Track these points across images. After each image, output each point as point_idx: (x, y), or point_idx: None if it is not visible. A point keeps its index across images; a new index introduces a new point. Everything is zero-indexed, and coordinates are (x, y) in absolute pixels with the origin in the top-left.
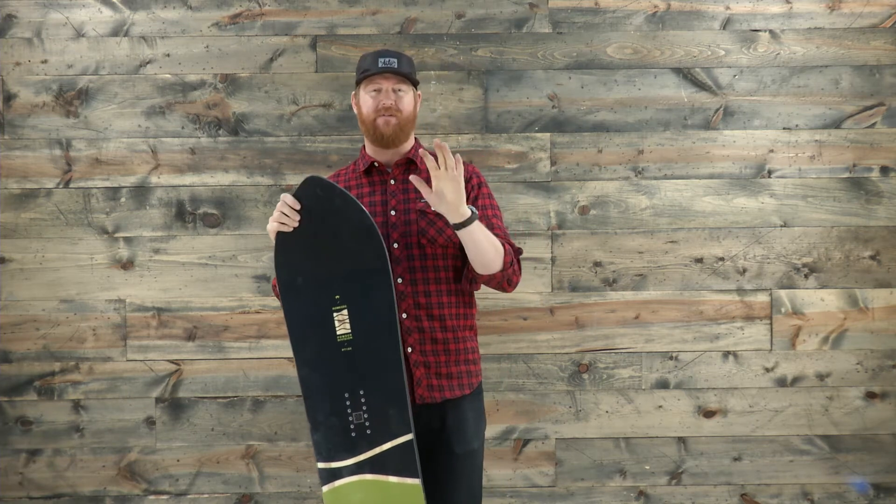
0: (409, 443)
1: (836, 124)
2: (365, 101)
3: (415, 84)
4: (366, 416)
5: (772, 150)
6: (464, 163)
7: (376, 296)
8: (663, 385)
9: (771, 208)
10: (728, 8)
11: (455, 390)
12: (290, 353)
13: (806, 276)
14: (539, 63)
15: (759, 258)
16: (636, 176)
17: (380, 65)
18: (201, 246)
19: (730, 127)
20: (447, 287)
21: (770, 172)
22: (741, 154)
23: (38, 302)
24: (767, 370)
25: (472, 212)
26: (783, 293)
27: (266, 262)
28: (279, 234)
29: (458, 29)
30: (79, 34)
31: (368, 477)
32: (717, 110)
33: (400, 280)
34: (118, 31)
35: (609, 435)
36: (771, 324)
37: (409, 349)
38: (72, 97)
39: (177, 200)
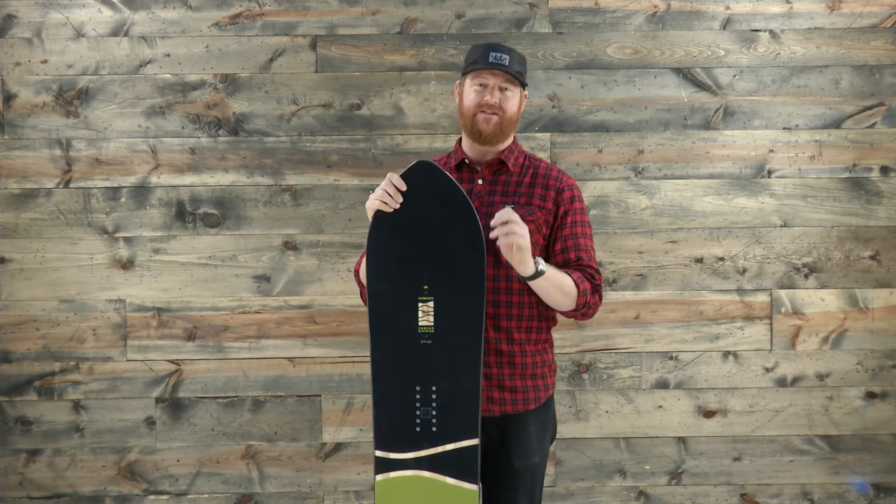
0: (473, 447)
1: (836, 124)
2: (468, 94)
3: (523, 84)
4: (434, 412)
5: (772, 150)
6: (559, 173)
7: (466, 292)
8: (663, 385)
9: (771, 208)
10: (728, 8)
11: (518, 405)
12: (291, 354)
13: (806, 276)
14: (539, 63)
15: (759, 258)
16: (636, 176)
17: (490, 59)
18: (201, 246)
19: (730, 127)
20: (518, 299)
21: (770, 172)
22: (741, 154)
23: (38, 302)
24: (767, 370)
25: (538, 269)
26: (783, 293)
27: (266, 261)
28: (377, 214)
29: (458, 29)
30: (79, 34)
31: (425, 474)
32: (717, 110)
33: None
34: (118, 31)
35: (609, 435)
36: (771, 324)
37: None
38: (72, 97)
39: (177, 200)
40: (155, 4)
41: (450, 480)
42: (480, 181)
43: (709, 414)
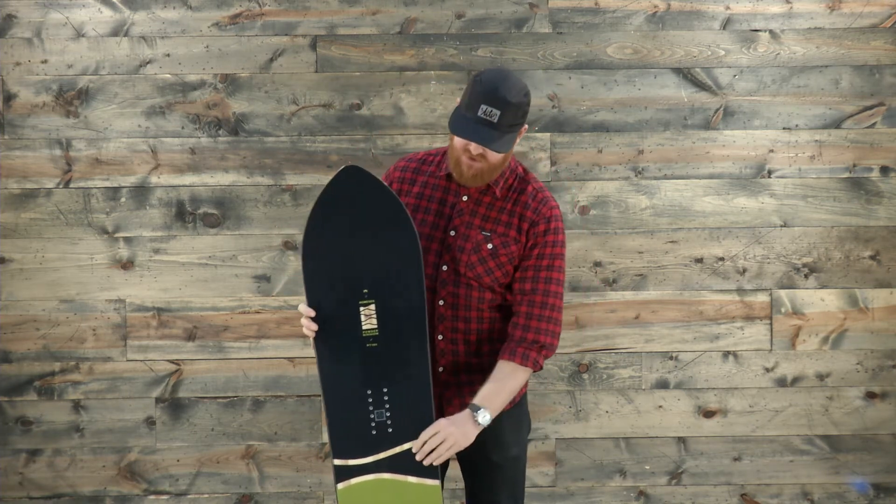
0: None
1: (836, 124)
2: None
3: (521, 125)
4: (388, 414)
5: (772, 150)
6: (539, 204)
7: (406, 292)
8: (663, 385)
9: (771, 208)
10: (728, 8)
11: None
12: (291, 354)
13: (806, 276)
14: (539, 63)
15: (759, 258)
16: (636, 176)
17: (479, 113)
18: (201, 246)
19: (730, 127)
20: (489, 315)
21: (770, 172)
22: (741, 154)
23: (38, 302)
24: (767, 370)
25: (482, 422)
26: (783, 293)
27: (266, 261)
28: (308, 224)
29: (458, 29)
30: (79, 34)
31: (386, 476)
32: (717, 110)
33: (442, 302)
34: (118, 31)
35: (609, 435)
36: (771, 324)
37: (441, 369)
38: (72, 97)
39: (177, 200)
40: (155, 4)
41: (411, 479)
42: (465, 198)
43: (709, 414)
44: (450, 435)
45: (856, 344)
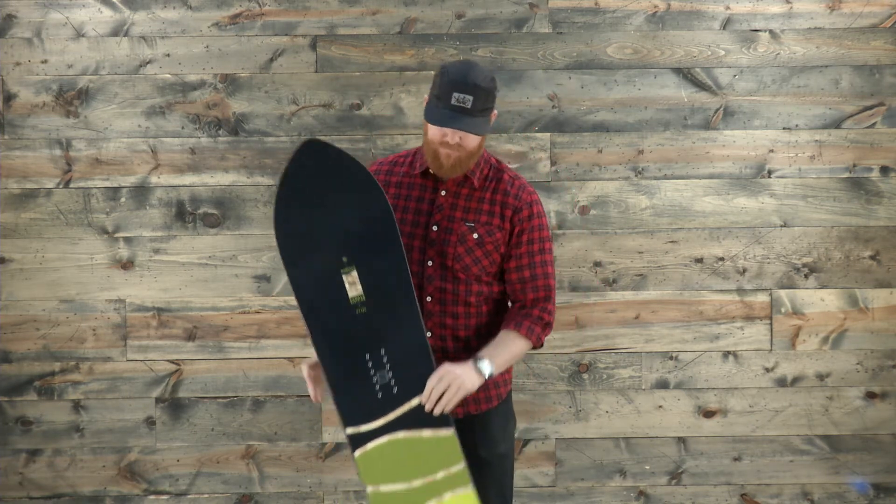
0: None
1: (836, 124)
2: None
3: (492, 110)
4: (390, 374)
5: (772, 150)
6: (518, 189)
7: (385, 252)
8: (663, 385)
9: (771, 208)
10: (728, 8)
11: (482, 404)
12: (291, 354)
13: (806, 276)
14: (539, 63)
15: (759, 258)
16: (636, 176)
17: (452, 102)
18: (201, 246)
19: (730, 127)
20: (476, 310)
21: (770, 172)
22: (741, 154)
23: (38, 302)
24: (767, 370)
25: (487, 375)
26: (783, 293)
27: (266, 261)
28: (277, 204)
29: (458, 29)
30: (79, 34)
31: (401, 435)
32: (717, 110)
33: (430, 298)
34: (118, 31)
35: (609, 435)
36: (771, 324)
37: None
38: (72, 97)
39: (177, 200)
40: (155, 4)
41: (426, 433)
42: (444, 192)
43: (709, 414)
44: (455, 378)
45: (856, 344)
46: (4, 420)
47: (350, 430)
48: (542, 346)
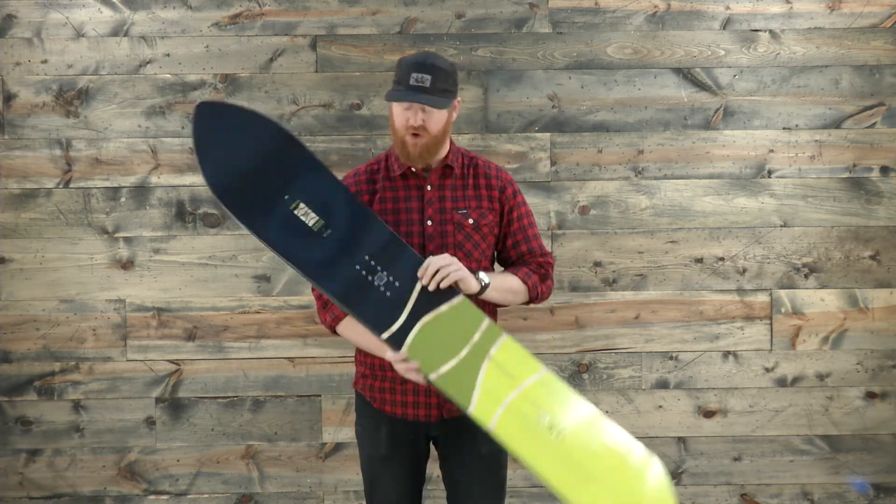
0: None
1: (836, 124)
2: (395, 113)
3: (454, 94)
4: (385, 273)
5: (772, 150)
6: (496, 170)
7: (309, 172)
8: (663, 385)
9: (771, 208)
10: (728, 8)
11: None
12: (291, 354)
13: (806, 276)
14: (539, 63)
15: (759, 258)
16: (636, 176)
17: (411, 82)
18: (201, 246)
19: (730, 127)
20: (480, 300)
21: (770, 172)
22: (741, 154)
23: (38, 302)
24: (767, 370)
25: (483, 285)
26: (783, 293)
27: (266, 261)
28: (204, 171)
29: (458, 29)
30: (79, 34)
31: (426, 319)
32: (717, 110)
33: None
34: (118, 31)
35: None
36: (771, 324)
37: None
38: (72, 97)
39: (177, 200)
40: (155, 4)
41: (443, 308)
42: (429, 187)
43: (709, 414)
44: (449, 259)
45: (856, 344)
46: (4, 420)
47: (385, 335)
48: (537, 298)
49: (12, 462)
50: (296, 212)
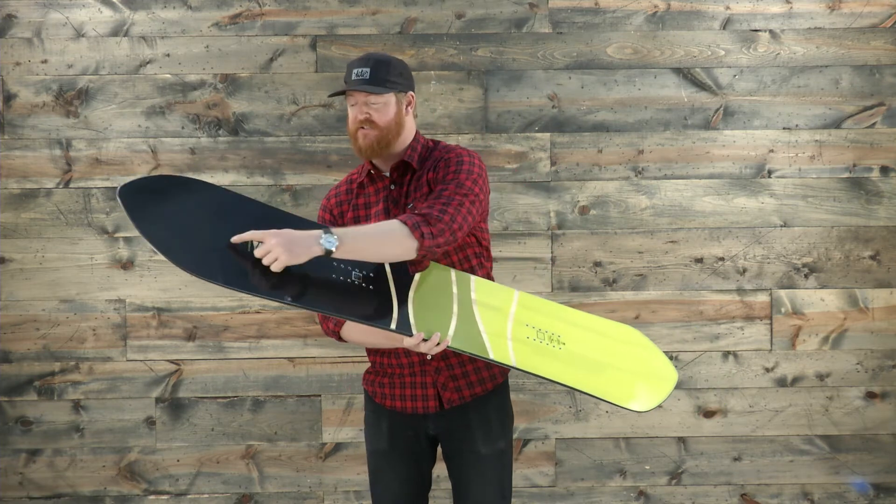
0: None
1: (836, 124)
2: (349, 114)
3: (401, 87)
4: (353, 269)
5: (772, 150)
6: (448, 151)
7: (245, 212)
8: None
9: (771, 208)
10: (728, 8)
11: (475, 387)
12: (290, 354)
13: (806, 276)
14: (539, 63)
15: (759, 258)
16: (636, 176)
17: (352, 77)
18: None
19: (730, 127)
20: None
21: (770, 172)
22: (741, 154)
23: (38, 302)
24: (767, 370)
25: (326, 251)
26: (783, 293)
27: None
28: (157, 244)
29: (458, 29)
30: (79, 34)
31: (411, 292)
32: (717, 110)
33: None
34: (118, 31)
35: (609, 435)
36: (771, 324)
37: (430, 357)
38: (72, 97)
39: None
40: (155, 4)
41: (416, 279)
42: (393, 186)
43: (709, 414)
44: (274, 247)
45: (856, 344)
46: (4, 420)
47: (393, 326)
48: (433, 248)
49: (12, 462)
50: (254, 252)
